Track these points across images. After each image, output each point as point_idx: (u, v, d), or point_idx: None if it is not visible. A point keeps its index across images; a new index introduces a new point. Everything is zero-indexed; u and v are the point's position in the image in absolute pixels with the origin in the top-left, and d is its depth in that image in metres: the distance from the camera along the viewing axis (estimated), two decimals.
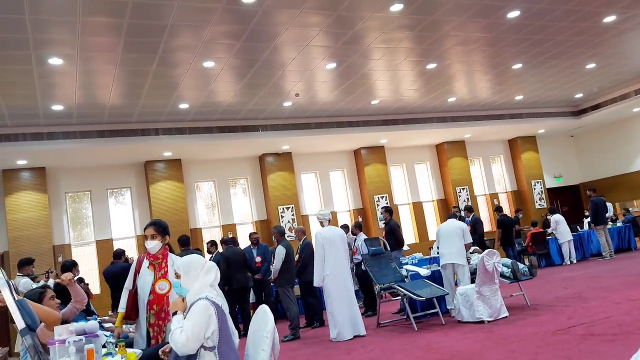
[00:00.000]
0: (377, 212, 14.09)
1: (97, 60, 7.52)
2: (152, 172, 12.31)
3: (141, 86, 8.75)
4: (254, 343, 3.10)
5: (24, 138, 9.83)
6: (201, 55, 7.88)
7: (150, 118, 10.55)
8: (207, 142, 11.54)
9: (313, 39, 7.92)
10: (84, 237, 12.12)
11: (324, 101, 11.26)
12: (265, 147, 12.88)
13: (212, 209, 13.51)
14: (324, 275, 6.83)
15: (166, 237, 4.22)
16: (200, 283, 3.07)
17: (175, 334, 2.85)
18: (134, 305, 4.22)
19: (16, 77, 7.63)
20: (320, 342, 6.86)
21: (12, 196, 10.95)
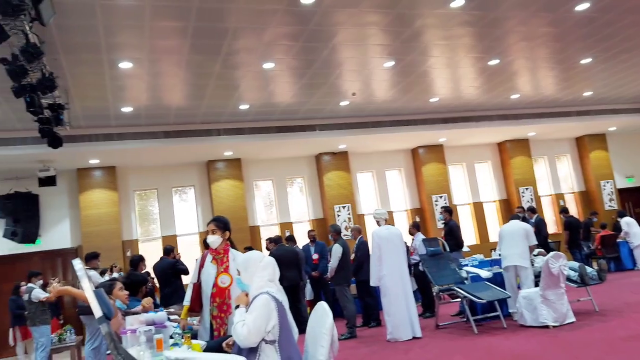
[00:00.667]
0: (435, 212, 13.86)
1: (164, 63, 7.85)
2: (213, 171, 12.70)
3: (205, 88, 9.05)
4: (313, 339, 3.15)
5: (96, 139, 10.40)
6: (261, 56, 8.05)
7: (213, 119, 10.89)
8: (265, 141, 11.77)
9: (371, 37, 7.91)
10: (151, 233, 12.67)
11: (381, 100, 11.20)
12: (322, 146, 12.98)
13: (270, 207, 13.76)
14: (381, 275, 6.81)
15: (226, 232, 4.36)
16: (259, 278, 3.16)
17: (237, 327, 2.95)
18: (197, 299, 4.39)
19: (90, 81, 8.09)
20: (377, 342, 6.85)
21: (86, 193, 11.62)
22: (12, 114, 8.85)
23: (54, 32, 6.35)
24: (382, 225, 7.14)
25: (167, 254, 8.28)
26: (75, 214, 11.72)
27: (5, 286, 10.70)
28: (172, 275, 7.91)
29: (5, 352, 10.77)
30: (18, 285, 9.40)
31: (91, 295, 2.39)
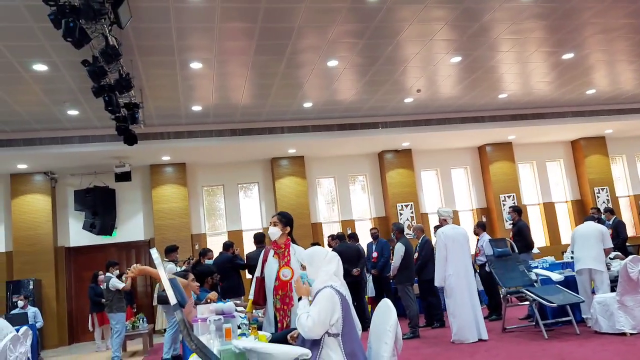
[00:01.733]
0: (502, 212, 13.42)
1: (232, 64, 8.09)
2: (277, 168, 12.94)
3: (270, 87, 9.24)
4: (376, 335, 3.15)
5: (167, 136, 10.89)
6: (325, 55, 8.12)
7: (277, 117, 11.10)
8: (328, 139, 11.85)
9: (437, 33, 7.76)
10: (217, 227, 13.10)
11: (447, 96, 10.98)
12: (385, 144, 12.90)
13: (331, 204, 13.85)
14: (447, 275, 6.68)
15: (287, 227, 4.46)
16: (324, 272, 3.20)
17: (302, 319, 3.00)
18: (261, 292, 4.52)
19: (163, 81, 8.48)
20: (441, 343, 6.74)
21: (158, 189, 12.18)
22: (92, 113, 9.42)
23: (131, 35, 6.70)
24: (447, 224, 7.00)
25: (227, 249, 8.53)
26: (148, 208, 12.32)
27: (85, 275, 11.46)
28: (231, 269, 8.13)
29: (84, 337, 11.52)
30: (96, 274, 10.03)
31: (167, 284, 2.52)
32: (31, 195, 11.49)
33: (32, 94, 8.27)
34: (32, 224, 11.37)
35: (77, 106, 9.06)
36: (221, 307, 3.62)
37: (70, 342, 11.58)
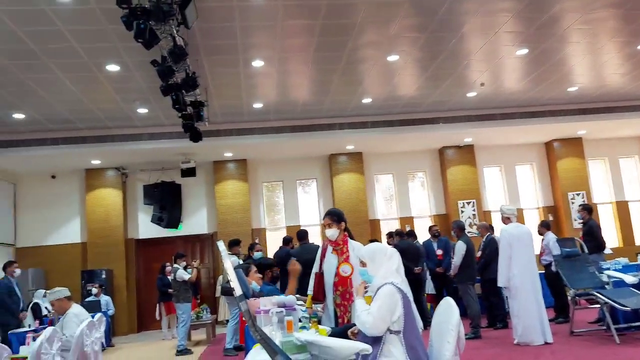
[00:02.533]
0: (571, 210, 12.83)
1: (293, 61, 8.20)
2: (335, 165, 12.99)
3: (329, 83, 9.29)
4: (438, 334, 3.11)
5: (230, 133, 11.19)
6: (386, 50, 8.06)
7: (336, 113, 11.13)
8: (387, 135, 11.76)
9: (503, 25, 7.52)
10: (276, 222, 13.33)
11: (512, 90, 10.61)
12: (446, 139, 12.64)
13: (390, 201, 13.74)
14: (511, 275, 6.47)
15: (342, 223, 4.45)
16: (385, 269, 3.18)
17: (362, 316, 3.01)
18: (320, 288, 4.55)
19: (226, 79, 8.71)
20: (503, 344, 6.55)
21: (220, 184, 12.56)
22: (160, 112, 9.84)
23: (197, 34, 6.93)
24: (511, 222, 6.78)
25: (286, 244, 8.66)
26: (211, 202, 12.73)
27: (153, 266, 12.00)
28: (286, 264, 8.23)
29: (152, 325, 12.08)
30: (164, 265, 10.48)
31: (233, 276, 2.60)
32: (104, 189, 12.16)
33: (105, 93, 8.74)
34: (105, 217, 12.04)
35: (147, 104, 9.49)
36: (282, 300, 3.70)
37: (139, 329, 12.19)
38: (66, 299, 5.07)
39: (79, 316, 4.93)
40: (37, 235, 12.04)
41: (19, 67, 7.48)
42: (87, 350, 4.41)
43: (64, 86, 8.28)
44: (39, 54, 7.10)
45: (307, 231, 8.50)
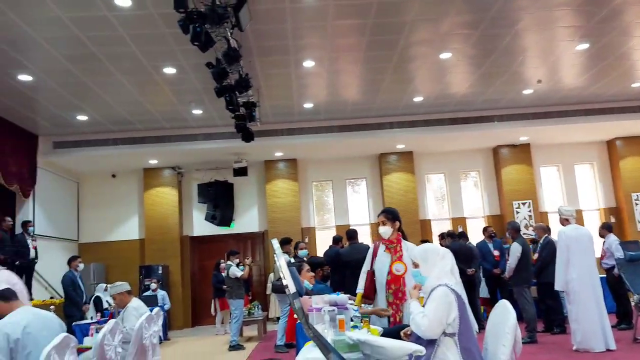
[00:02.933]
0: (634, 212, 12.20)
1: (343, 61, 8.21)
2: (385, 164, 12.91)
3: (380, 82, 9.24)
4: (494, 337, 3.04)
5: (281, 133, 11.34)
6: (438, 47, 7.94)
7: (386, 112, 11.06)
8: (439, 134, 11.57)
9: (560, 19, 7.25)
10: (326, 221, 13.39)
11: (571, 87, 10.20)
12: (500, 138, 12.30)
13: (441, 201, 13.52)
14: (569, 278, 6.23)
15: (396, 222, 4.44)
16: (439, 269, 3.14)
17: (417, 318, 2.98)
18: (371, 286, 4.54)
19: (278, 80, 8.84)
20: (561, 350, 6.32)
21: (271, 183, 12.74)
22: (214, 112, 10.10)
23: (250, 37, 7.07)
24: (570, 224, 6.52)
25: (336, 243, 8.66)
26: (262, 201, 12.94)
27: (207, 263, 12.34)
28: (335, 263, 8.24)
29: (205, 320, 12.42)
30: (218, 262, 10.75)
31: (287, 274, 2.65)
32: (161, 188, 12.60)
33: (163, 95, 9.06)
34: (162, 215, 12.47)
35: (201, 106, 9.76)
36: (334, 299, 3.72)
37: (194, 324, 12.55)
38: (126, 293, 5.29)
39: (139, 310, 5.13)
40: (99, 232, 12.63)
41: (82, 71, 7.87)
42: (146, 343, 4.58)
43: (124, 88, 8.64)
44: (101, 57, 7.45)
45: (356, 230, 8.48)
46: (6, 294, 2.99)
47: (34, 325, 2.89)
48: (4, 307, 2.95)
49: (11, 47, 6.89)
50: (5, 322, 2.81)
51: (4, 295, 2.97)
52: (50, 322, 3.07)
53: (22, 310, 2.98)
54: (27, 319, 2.89)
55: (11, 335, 2.75)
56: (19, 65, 7.46)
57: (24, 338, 2.79)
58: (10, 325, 2.79)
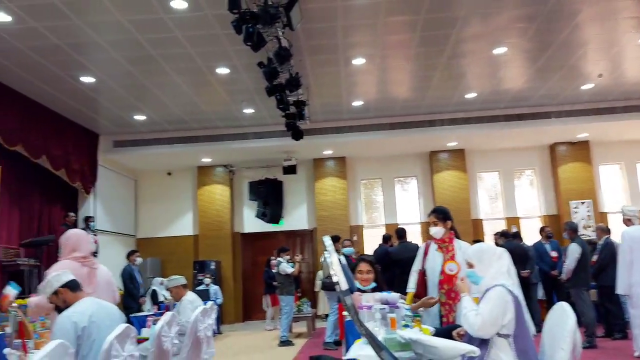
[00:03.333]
0: None
1: (393, 57, 8.15)
2: (436, 162, 12.71)
3: (430, 79, 9.11)
4: (551, 340, 2.95)
5: (330, 131, 11.38)
6: (492, 42, 7.74)
7: (437, 109, 10.88)
8: (492, 131, 11.29)
9: (624, 10, 6.91)
10: (374, 220, 13.33)
11: (634, 81, 9.69)
12: (558, 135, 11.85)
13: (494, 200, 13.17)
14: (633, 282, 5.93)
15: (447, 222, 4.36)
16: (495, 269, 3.07)
17: (469, 317, 2.92)
18: (422, 285, 4.49)
19: (327, 79, 8.87)
20: (622, 356, 6.05)
21: (320, 181, 12.81)
22: (266, 111, 10.25)
23: (300, 36, 7.13)
24: (633, 224, 6.21)
25: (385, 242, 8.60)
26: (311, 199, 13.03)
27: (257, 259, 12.56)
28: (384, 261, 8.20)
29: (255, 315, 12.65)
30: (269, 259, 10.92)
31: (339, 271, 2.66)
32: (213, 185, 12.92)
33: (216, 94, 9.28)
34: (214, 212, 12.78)
35: (253, 105, 9.93)
36: (385, 297, 3.72)
37: (245, 319, 12.80)
38: (182, 286, 5.47)
39: (194, 303, 5.29)
40: (155, 228, 13.09)
41: (141, 72, 8.17)
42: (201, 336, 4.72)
43: (180, 89, 8.92)
44: (158, 59, 7.71)
45: (405, 229, 8.42)
46: (73, 285, 3.15)
47: (98, 314, 3.03)
48: (70, 296, 3.12)
49: (75, 50, 7.24)
50: (73, 311, 2.97)
51: (71, 286, 3.14)
52: (112, 312, 3.22)
53: (87, 300, 3.13)
54: (92, 308, 3.04)
55: (78, 323, 2.89)
56: (82, 68, 7.83)
57: (90, 326, 2.93)
58: (78, 315, 2.94)
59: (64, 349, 2.44)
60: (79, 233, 4.00)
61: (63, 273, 3.19)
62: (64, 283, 3.12)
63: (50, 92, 8.63)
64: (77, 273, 3.67)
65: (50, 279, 3.14)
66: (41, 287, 3.28)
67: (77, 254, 3.81)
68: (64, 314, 2.95)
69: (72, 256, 3.78)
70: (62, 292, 3.11)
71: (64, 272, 3.20)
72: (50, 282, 3.14)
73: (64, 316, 2.93)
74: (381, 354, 2.59)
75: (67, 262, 3.72)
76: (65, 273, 3.19)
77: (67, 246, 3.83)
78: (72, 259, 3.77)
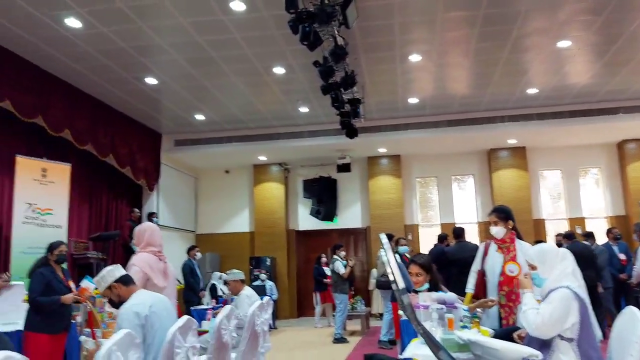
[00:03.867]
0: None
1: (451, 54, 7.99)
2: (495, 160, 12.35)
3: (490, 75, 8.86)
4: (619, 345, 2.82)
5: (384, 129, 11.30)
6: (555, 36, 7.44)
7: (497, 106, 10.58)
8: (555, 127, 10.85)
9: None
10: (430, 219, 13.12)
11: None
12: (626, 132, 11.24)
13: (557, 199, 12.65)
14: None
15: (509, 222, 4.23)
16: (559, 271, 2.96)
17: (529, 315, 2.83)
18: (481, 286, 4.37)
19: (383, 76, 8.82)
20: None
21: (374, 179, 12.76)
22: (320, 110, 10.32)
23: (356, 34, 7.13)
24: None
25: (441, 241, 8.45)
26: (365, 197, 12.99)
27: (311, 256, 12.64)
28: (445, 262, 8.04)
29: (309, 312, 12.76)
30: (319, 256, 11.01)
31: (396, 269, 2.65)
32: (269, 183, 13.14)
33: (272, 94, 9.43)
34: (270, 209, 13.00)
35: (308, 103, 10.02)
36: (443, 297, 3.66)
37: (299, 315, 12.95)
38: (240, 281, 5.61)
39: (251, 297, 5.41)
40: (214, 224, 13.46)
41: (201, 74, 8.43)
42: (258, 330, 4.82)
43: (237, 89, 9.13)
44: (218, 60, 7.93)
45: (463, 229, 8.23)
46: (125, 279, 3.26)
47: (157, 305, 3.13)
48: (124, 290, 3.21)
49: (139, 52, 7.57)
50: (133, 302, 3.07)
51: (124, 280, 3.24)
52: (167, 303, 3.31)
53: (142, 292, 3.23)
54: (150, 299, 3.13)
55: (141, 313, 2.99)
56: (146, 70, 8.18)
57: (152, 316, 3.02)
58: (138, 305, 3.04)
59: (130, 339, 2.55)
60: (152, 227, 4.09)
61: (116, 268, 3.26)
62: (117, 278, 3.20)
63: (117, 93, 9.06)
64: (155, 267, 3.82)
65: (104, 274, 3.23)
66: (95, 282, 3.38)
67: (153, 248, 3.90)
68: (125, 306, 3.06)
69: (150, 250, 3.87)
70: (116, 287, 3.19)
71: (116, 267, 3.28)
72: (105, 277, 3.21)
73: (125, 308, 3.04)
74: (439, 353, 2.56)
75: (147, 255, 3.80)
76: (117, 268, 3.27)
77: (143, 239, 3.92)
78: (150, 252, 3.86)
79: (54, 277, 4.67)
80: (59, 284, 4.69)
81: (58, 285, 4.66)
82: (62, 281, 4.75)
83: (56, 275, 4.72)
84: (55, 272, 4.72)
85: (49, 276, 4.63)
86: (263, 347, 4.98)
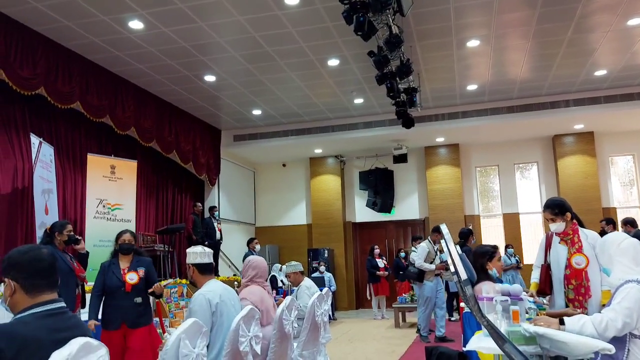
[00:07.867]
0: None
1: (510, 37, 7.70)
2: (560, 146, 11.82)
3: (553, 57, 8.47)
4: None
5: (442, 118, 11.06)
6: (625, 13, 7.00)
7: (561, 89, 10.11)
8: (626, 110, 10.23)
9: None
10: (491, 209, 12.75)
11: None
12: None
13: (629, 187, 11.95)
14: None
15: (566, 214, 3.96)
16: (619, 263, 2.78)
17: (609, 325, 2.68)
18: (547, 281, 4.19)
19: (439, 63, 8.62)
20: None
21: (432, 169, 12.54)
22: (375, 100, 10.24)
23: (411, 21, 7.00)
24: None
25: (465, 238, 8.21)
26: (422, 188, 12.80)
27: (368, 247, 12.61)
28: None
29: (367, 303, 12.75)
30: (372, 247, 11.00)
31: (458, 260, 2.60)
32: (325, 176, 13.21)
33: (327, 87, 9.45)
34: (326, 201, 13.08)
35: (362, 94, 9.96)
36: (507, 289, 3.55)
37: (357, 307, 12.99)
38: (300, 272, 5.70)
39: (310, 289, 5.48)
40: (272, 216, 13.71)
41: (258, 69, 8.57)
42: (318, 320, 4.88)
43: (293, 83, 9.21)
44: (274, 55, 8.02)
45: (471, 229, 8.08)
46: (202, 268, 3.44)
47: (224, 295, 3.32)
48: (200, 278, 3.43)
49: (199, 51, 7.78)
50: (206, 290, 3.28)
51: (200, 268, 3.43)
52: (234, 295, 3.49)
53: (214, 281, 3.42)
54: (220, 288, 3.33)
55: (212, 300, 3.20)
56: (205, 67, 8.40)
57: (220, 304, 3.22)
58: (211, 293, 3.24)
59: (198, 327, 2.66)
60: (259, 260, 4.19)
61: (200, 254, 3.45)
62: (196, 263, 3.42)
63: (179, 91, 9.37)
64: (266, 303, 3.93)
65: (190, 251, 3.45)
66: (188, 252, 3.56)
67: (260, 280, 4.05)
68: (200, 292, 3.26)
69: (257, 282, 4.02)
70: (192, 269, 3.42)
71: (202, 253, 3.46)
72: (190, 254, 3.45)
73: (199, 293, 3.24)
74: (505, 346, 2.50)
75: (258, 289, 3.94)
76: (202, 255, 3.45)
77: (251, 271, 4.06)
78: (259, 284, 4.02)
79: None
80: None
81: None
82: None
83: None
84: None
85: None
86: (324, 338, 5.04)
